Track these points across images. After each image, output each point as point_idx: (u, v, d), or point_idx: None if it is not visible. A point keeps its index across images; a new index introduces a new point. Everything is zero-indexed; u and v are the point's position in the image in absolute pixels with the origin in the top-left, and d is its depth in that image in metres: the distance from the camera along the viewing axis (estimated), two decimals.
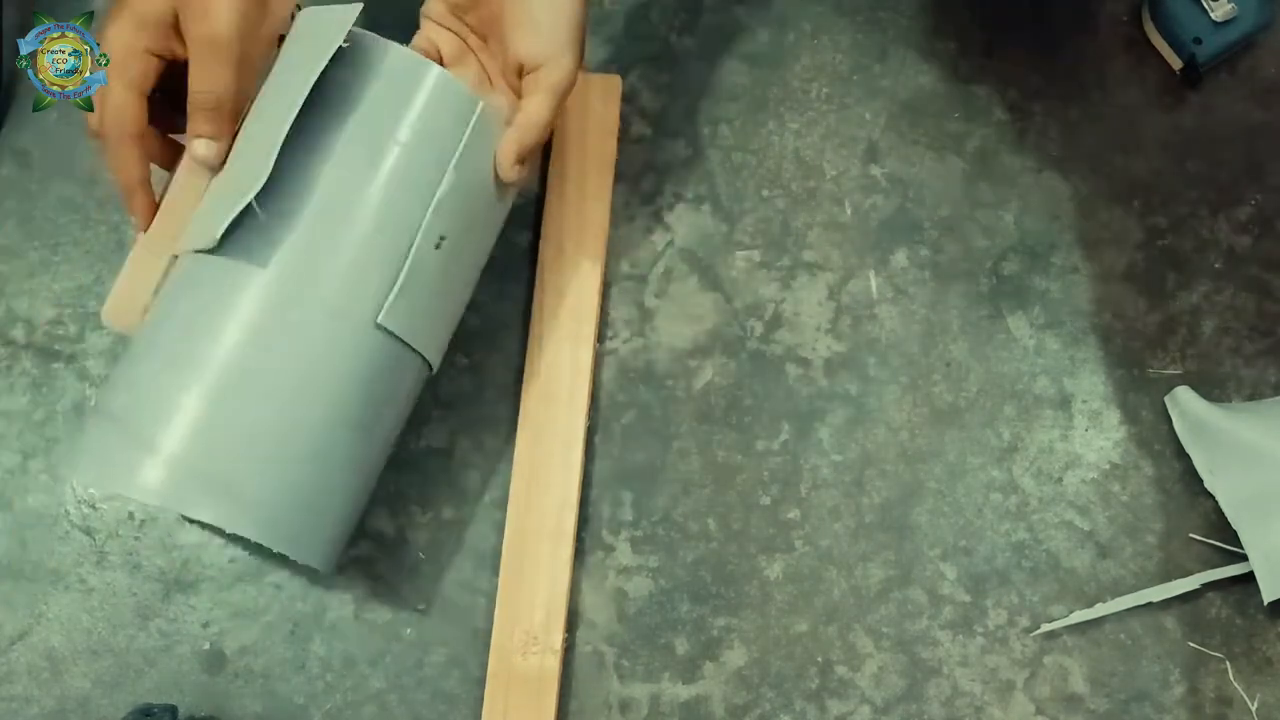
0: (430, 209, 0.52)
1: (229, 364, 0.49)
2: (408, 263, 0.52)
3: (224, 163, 0.52)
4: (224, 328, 0.50)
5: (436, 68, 0.53)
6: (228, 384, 0.49)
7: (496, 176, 0.55)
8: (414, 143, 0.52)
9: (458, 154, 0.53)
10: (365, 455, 0.54)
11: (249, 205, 0.49)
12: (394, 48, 0.53)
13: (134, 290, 0.53)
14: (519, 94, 0.56)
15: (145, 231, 0.53)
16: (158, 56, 0.51)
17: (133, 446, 0.49)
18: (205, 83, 0.50)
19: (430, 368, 0.56)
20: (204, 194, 0.52)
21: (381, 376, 0.53)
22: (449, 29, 0.58)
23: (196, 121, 0.51)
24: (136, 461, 0.49)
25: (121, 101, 0.50)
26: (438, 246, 0.53)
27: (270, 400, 0.50)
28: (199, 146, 0.51)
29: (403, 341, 0.53)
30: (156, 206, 0.53)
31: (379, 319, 0.51)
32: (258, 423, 0.50)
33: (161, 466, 0.48)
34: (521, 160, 0.55)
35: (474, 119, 0.53)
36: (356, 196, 0.51)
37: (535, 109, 0.54)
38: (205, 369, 0.49)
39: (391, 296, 0.52)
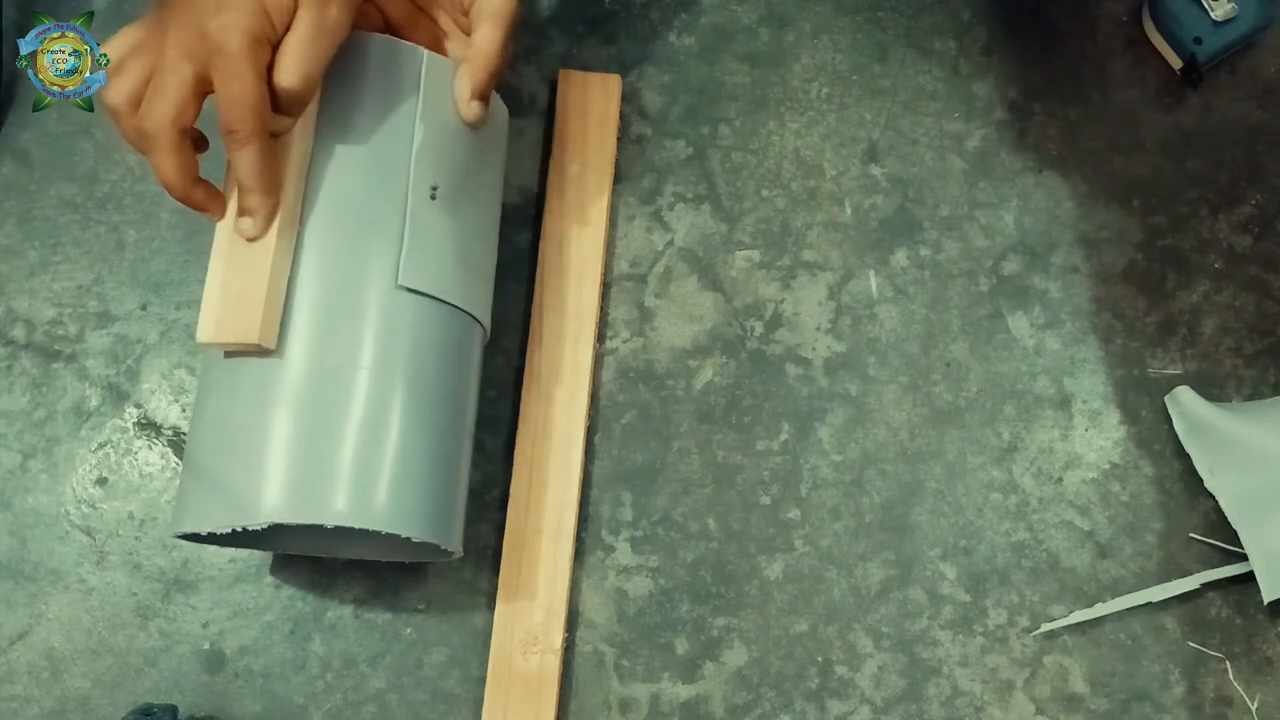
0: (411, 162, 0.53)
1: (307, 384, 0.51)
2: (407, 218, 0.53)
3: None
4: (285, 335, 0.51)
5: (372, 35, 0.54)
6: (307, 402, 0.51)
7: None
8: (375, 109, 0.53)
9: (419, 106, 0.54)
10: (442, 422, 0.54)
11: None
12: None
13: (247, 292, 0.50)
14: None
15: (223, 218, 0.51)
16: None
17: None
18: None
19: (483, 328, 0.57)
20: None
21: (431, 341, 0.53)
22: None
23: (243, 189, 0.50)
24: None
25: (178, 98, 0.47)
26: (433, 197, 0.53)
27: (355, 399, 0.51)
28: (246, 226, 0.50)
29: (437, 300, 0.53)
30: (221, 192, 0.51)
31: (398, 280, 0.52)
32: (358, 423, 0.51)
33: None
34: (478, 96, 0.54)
35: (423, 69, 0.54)
36: (344, 177, 0.52)
37: (482, 41, 0.53)
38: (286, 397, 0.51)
39: (403, 254, 0.52)
